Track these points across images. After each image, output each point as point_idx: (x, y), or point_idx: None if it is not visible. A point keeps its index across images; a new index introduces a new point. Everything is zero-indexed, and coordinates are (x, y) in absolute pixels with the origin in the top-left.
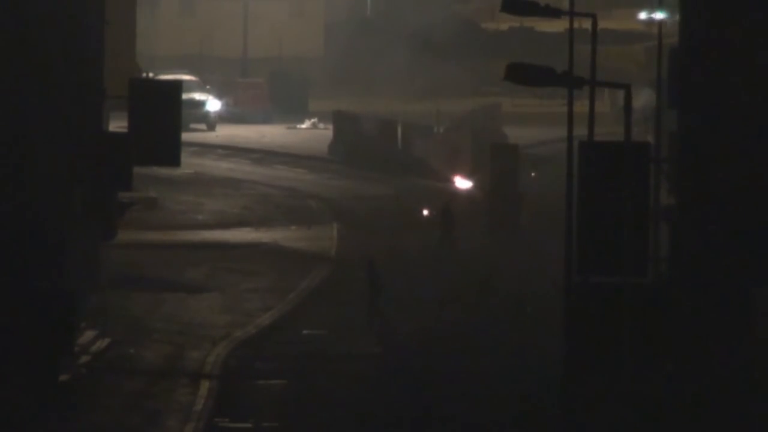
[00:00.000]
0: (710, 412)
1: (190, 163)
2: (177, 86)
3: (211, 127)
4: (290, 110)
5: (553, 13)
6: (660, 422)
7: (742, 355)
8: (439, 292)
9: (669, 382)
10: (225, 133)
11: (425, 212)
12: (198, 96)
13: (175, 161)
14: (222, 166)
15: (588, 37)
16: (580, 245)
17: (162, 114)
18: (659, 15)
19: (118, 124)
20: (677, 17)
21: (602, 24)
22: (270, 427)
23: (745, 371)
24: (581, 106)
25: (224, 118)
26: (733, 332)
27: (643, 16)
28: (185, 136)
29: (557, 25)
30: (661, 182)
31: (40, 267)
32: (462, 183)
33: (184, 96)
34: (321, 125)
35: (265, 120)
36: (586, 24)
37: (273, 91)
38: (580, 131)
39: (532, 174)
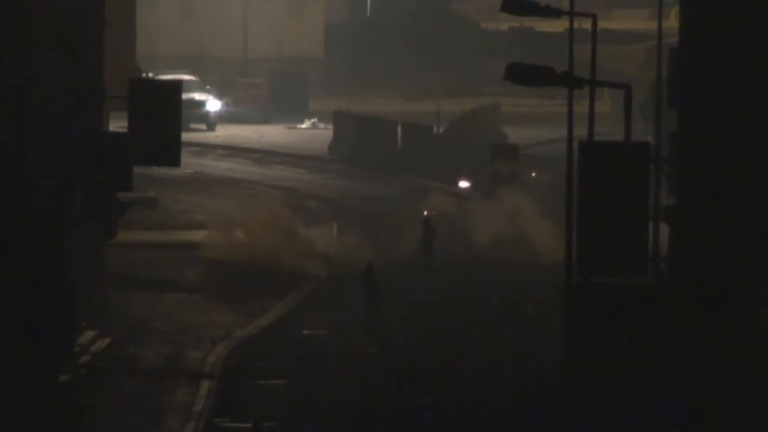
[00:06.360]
0: (710, 411)
1: (190, 163)
2: (177, 86)
3: (211, 127)
4: (290, 110)
5: (553, 13)
6: (659, 422)
7: (742, 355)
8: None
9: (668, 381)
10: (225, 133)
11: (425, 213)
12: (198, 96)
13: (175, 161)
14: (222, 166)
15: (588, 37)
16: (580, 245)
17: (162, 114)
18: None
19: (118, 124)
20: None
21: (602, 24)
22: (270, 427)
23: (745, 370)
24: (581, 106)
25: (224, 118)
26: (733, 332)
27: None
28: (185, 136)
29: (557, 25)
30: (661, 182)
31: (40, 267)
32: (462, 184)
33: (184, 96)
34: (321, 125)
35: (265, 120)
36: (586, 24)
37: (273, 91)
38: (580, 131)
39: (533, 174)
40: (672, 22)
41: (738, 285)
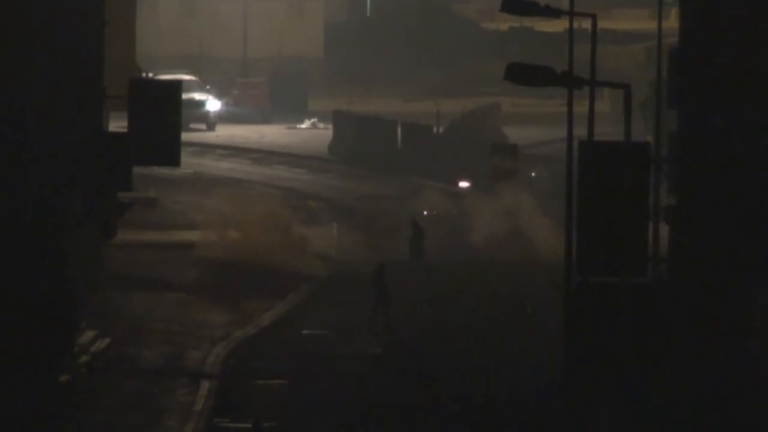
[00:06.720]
0: (710, 411)
1: (190, 163)
2: (177, 86)
3: (211, 127)
4: (290, 110)
5: (553, 13)
6: (659, 422)
7: (742, 355)
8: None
9: (668, 381)
10: (225, 133)
11: (425, 213)
12: (198, 96)
13: (175, 161)
14: (222, 166)
15: (588, 37)
16: (580, 245)
17: (162, 114)
18: None
19: (118, 124)
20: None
21: (602, 24)
22: (270, 427)
23: (745, 371)
24: (581, 106)
25: (224, 118)
26: (733, 332)
27: None
28: (185, 136)
29: (557, 25)
30: (661, 182)
31: (39, 267)
32: (462, 184)
33: (184, 96)
34: (321, 125)
35: (265, 120)
36: (586, 24)
37: (273, 91)
38: (580, 131)
39: (533, 173)
40: (672, 22)
41: (737, 285)
